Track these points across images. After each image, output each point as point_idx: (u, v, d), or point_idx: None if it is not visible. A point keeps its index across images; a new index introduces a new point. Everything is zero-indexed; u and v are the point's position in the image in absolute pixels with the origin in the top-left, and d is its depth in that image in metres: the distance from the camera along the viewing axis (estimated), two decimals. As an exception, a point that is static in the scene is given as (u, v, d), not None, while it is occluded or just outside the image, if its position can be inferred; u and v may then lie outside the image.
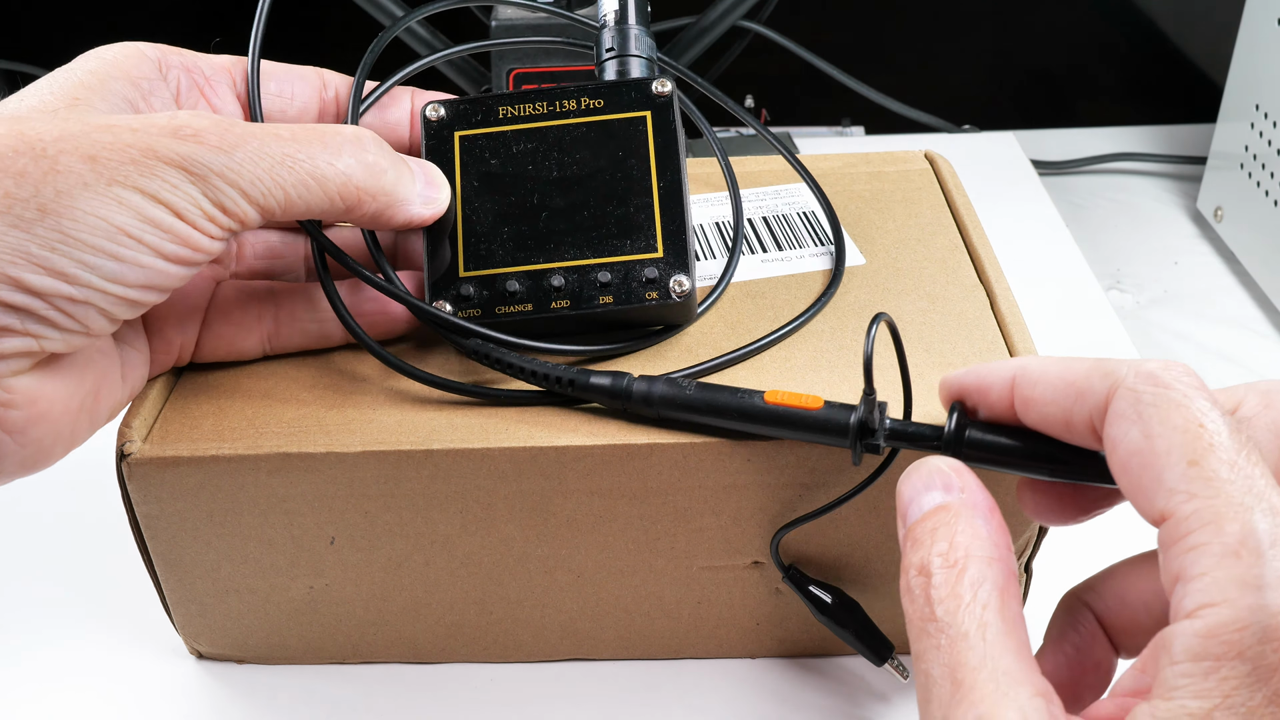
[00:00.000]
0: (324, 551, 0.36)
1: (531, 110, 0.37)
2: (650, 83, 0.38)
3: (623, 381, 0.33)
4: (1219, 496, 0.22)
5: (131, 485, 0.34)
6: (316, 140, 0.31)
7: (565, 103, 0.37)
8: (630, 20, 0.40)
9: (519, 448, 0.33)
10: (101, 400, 0.32)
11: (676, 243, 0.36)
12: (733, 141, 0.77)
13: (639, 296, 0.35)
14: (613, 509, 0.35)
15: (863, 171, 0.47)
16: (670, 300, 0.35)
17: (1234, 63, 0.65)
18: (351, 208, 0.32)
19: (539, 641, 0.39)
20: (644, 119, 0.37)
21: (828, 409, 0.31)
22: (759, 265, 0.42)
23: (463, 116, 0.37)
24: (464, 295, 0.36)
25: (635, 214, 0.36)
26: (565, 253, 0.36)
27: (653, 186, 0.36)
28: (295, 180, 0.30)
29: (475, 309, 0.35)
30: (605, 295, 0.35)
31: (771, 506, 0.35)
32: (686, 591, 0.37)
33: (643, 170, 0.37)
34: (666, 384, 0.33)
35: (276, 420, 0.34)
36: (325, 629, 0.38)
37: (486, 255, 0.36)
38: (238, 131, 0.29)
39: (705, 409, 0.33)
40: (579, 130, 0.37)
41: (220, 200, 0.29)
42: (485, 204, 0.36)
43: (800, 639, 0.39)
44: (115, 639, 0.41)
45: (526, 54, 0.65)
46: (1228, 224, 0.66)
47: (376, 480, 0.34)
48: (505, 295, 0.35)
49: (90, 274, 0.28)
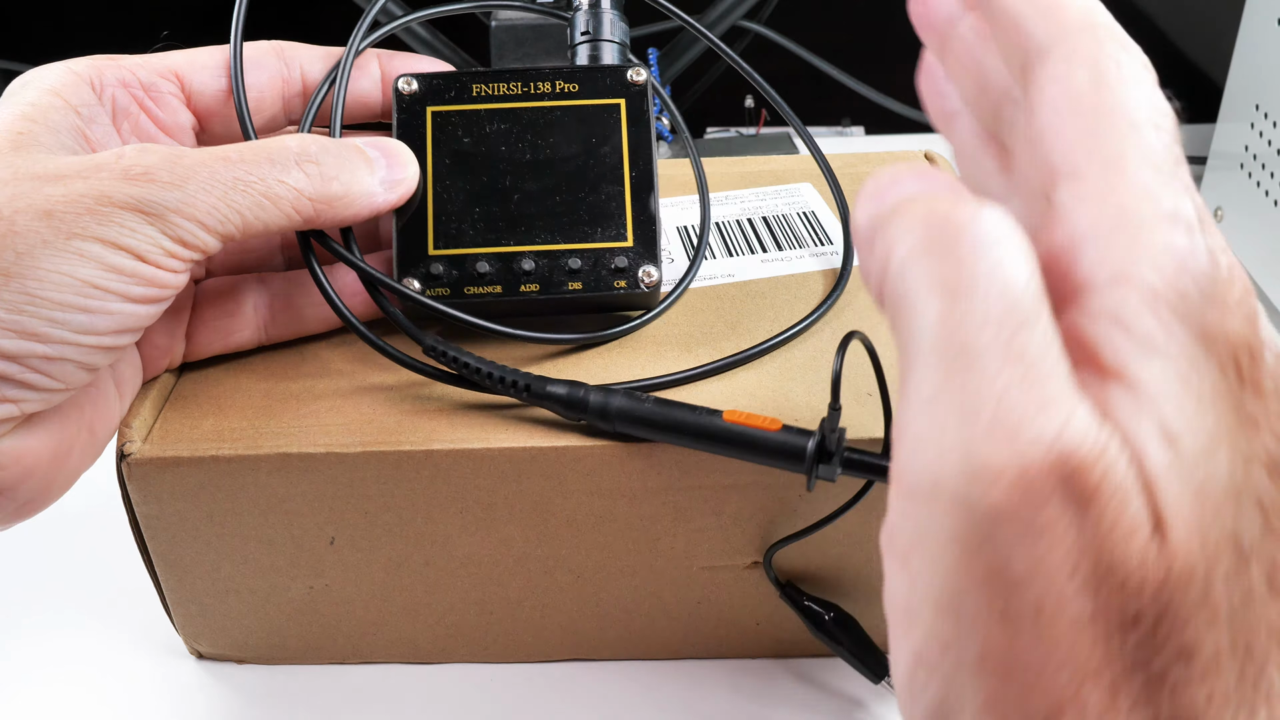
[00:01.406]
0: (324, 551, 0.36)
1: (506, 90, 0.37)
2: (626, 70, 0.38)
3: (579, 392, 0.32)
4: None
5: (131, 485, 0.34)
6: (265, 159, 0.30)
7: (540, 84, 0.37)
8: (605, 4, 0.40)
9: (519, 448, 0.33)
10: (98, 429, 0.32)
11: (646, 232, 0.36)
12: (733, 141, 0.77)
13: (608, 285, 0.36)
14: (613, 509, 0.35)
15: (863, 171, 0.47)
16: (639, 290, 0.36)
17: (1234, 63, 0.65)
18: (310, 219, 0.32)
19: (539, 641, 0.39)
20: (618, 106, 0.37)
21: (784, 433, 0.31)
22: (759, 265, 0.42)
23: (436, 92, 0.37)
24: (433, 274, 0.36)
25: (606, 202, 0.36)
26: (536, 237, 0.36)
27: (625, 175, 0.37)
28: (250, 203, 0.30)
29: (444, 288, 0.36)
30: (574, 281, 0.36)
31: (771, 506, 0.35)
32: (686, 591, 0.37)
33: (615, 158, 0.37)
34: (625, 397, 0.32)
35: (276, 420, 0.34)
36: (325, 629, 0.38)
37: (457, 234, 0.36)
38: (186, 163, 0.29)
39: (663, 425, 0.32)
40: (553, 113, 0.37)
41: (180, 236, 0.29)
42: (457, 182, 0.36)
43: (800, 639, 0.39)
44: (115, 639, 0.41)
45: (527, 52, 0.65)
46: (1228, 224, 0.66)
47: (376, 480, 0.34)
48: (475, 276, 0.36)
49: (61, 330, 0.28)
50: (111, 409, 0.33)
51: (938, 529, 0.17)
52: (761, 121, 0.78)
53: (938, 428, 0.17)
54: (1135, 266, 0.18)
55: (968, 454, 0.17)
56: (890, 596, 0.19)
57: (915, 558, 0.18)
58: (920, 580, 0.18)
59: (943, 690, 0.18)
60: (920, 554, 0.18)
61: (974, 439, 0.17)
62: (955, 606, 0.17)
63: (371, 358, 0.37)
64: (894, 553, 0.19)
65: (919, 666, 0.18)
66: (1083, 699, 0.17)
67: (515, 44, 0.64)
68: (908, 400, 0.18)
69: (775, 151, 0.74)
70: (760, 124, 0.78)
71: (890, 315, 0.19)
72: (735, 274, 0.41)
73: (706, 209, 0.42)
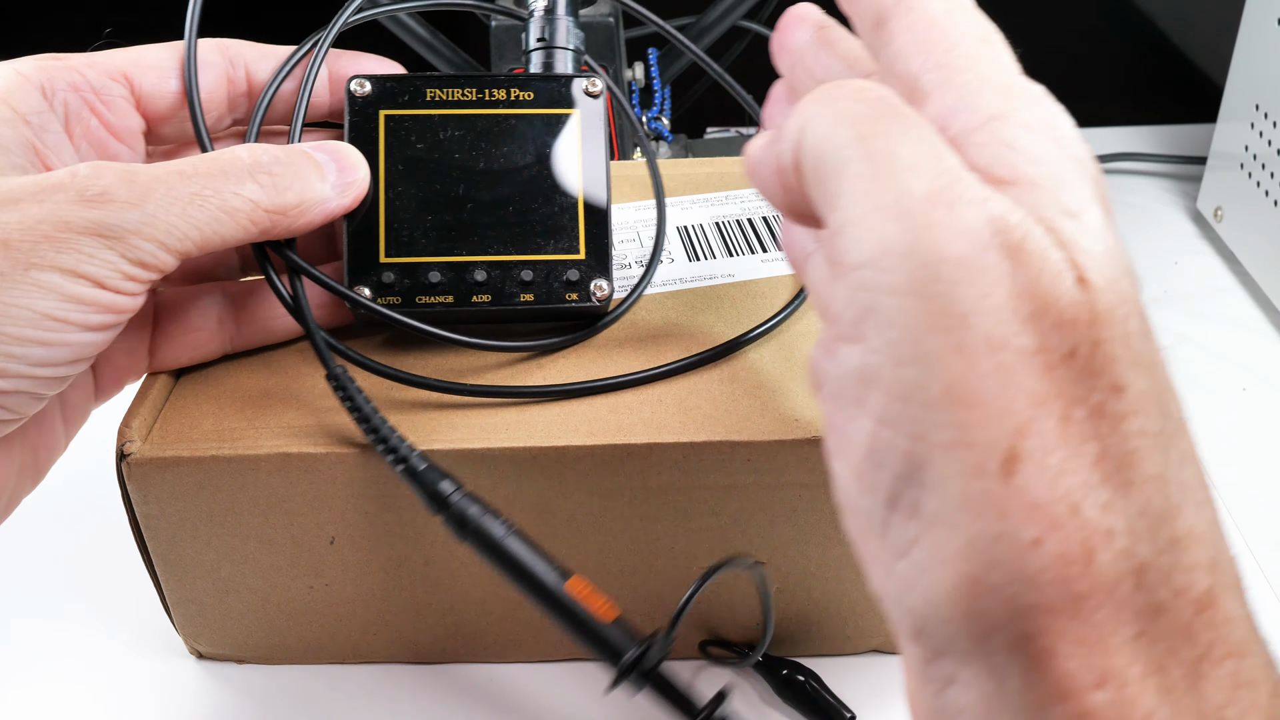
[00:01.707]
0: (324, 551, 0.36)
1: (460, 95, 0.37)
2: (580, 80, 0.38)
3: (446, 489, 0.31)
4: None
5: (131, 485, 0.34)
6: (219, 172, 0.30)
7: (494, 92, 0.37)
8: (560, 11, 0.39)
9: (519, 448, 0.33)
10: (42, 455, 0.32)
11: (598, 245, 0.36)
12: (733, 141, 0.77)
13: (559, 297, 0.36)
14: (613, 509, 0.35)
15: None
16: (590, 303, 0.36)
17: (1234, 63, 0.65)
18: (266, 230, 0.31)
19: (539, 641, 0.39)
20: (573, 116, 0.37)
21: (612, 627, 0.30)
22: (759, 265, 0.42)
23: (389, 95, 0.37)
24: (385, 282, 0.35)
25: (559, 213, 0.36)
26: (489, 247, 0.36)
27: (578, 187, 0.37)
28: (207, 218, 0.29)
29: (396, 296, 0.35)
30: (527, 293, 0.36)
31: (771, 506, 0.35)
32: (686, 591, 0.37)
33: (568, 170, 0.37)
34: (489, 519, 0.31)
35: (276, 420, 0.34)
36: (325, 629, 0.38)
37: (409, 242, 0.36)
38: (143, 179, 0.29)
39: (507, 565, 0.30)
40: (508, 121, 0.37)
41: (139, 258, 0.28)
42: (409, 189, 0.36)
43: (800, 639, 0.39)
44: (115, 639, 0.41)
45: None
46: (1228, 224, 0.66)
47: (376, 480, 0.34)
48: (427, 285, 0.35)
49: (19, 364, 0.27)
50: (56, 434, 0.33)
51: (890, 286, 0.19)
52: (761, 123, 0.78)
53: (878, 211, 0.20)
54: (1010, 108, 0.21)
55: (911, 218, 0.19)
56: (837, 383, 0.21)
57: (868, 326, 0.20)
58: (876, 342, 0.20)
59: (909, 441, 0.19)
60: (873, 320, 0.20)
61: (913, 208, 0.19)
62: (915, 352, 0.19)
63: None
64: (839, 339, 0.21)
65: (881, 429, 0.20)
66: (1039, 425, 0.19)
67: (515, 44, 0.64)
68: (842, 210, 0.21)
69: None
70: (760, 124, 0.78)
71: (810, 172, 0.22)
72: (735, 274, 0.41)
73: (662, 214, 0.42)
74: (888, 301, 0.19)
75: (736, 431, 0.34)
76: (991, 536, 0.19)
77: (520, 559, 0.30)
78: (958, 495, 0.19)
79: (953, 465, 0.19)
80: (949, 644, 0.20)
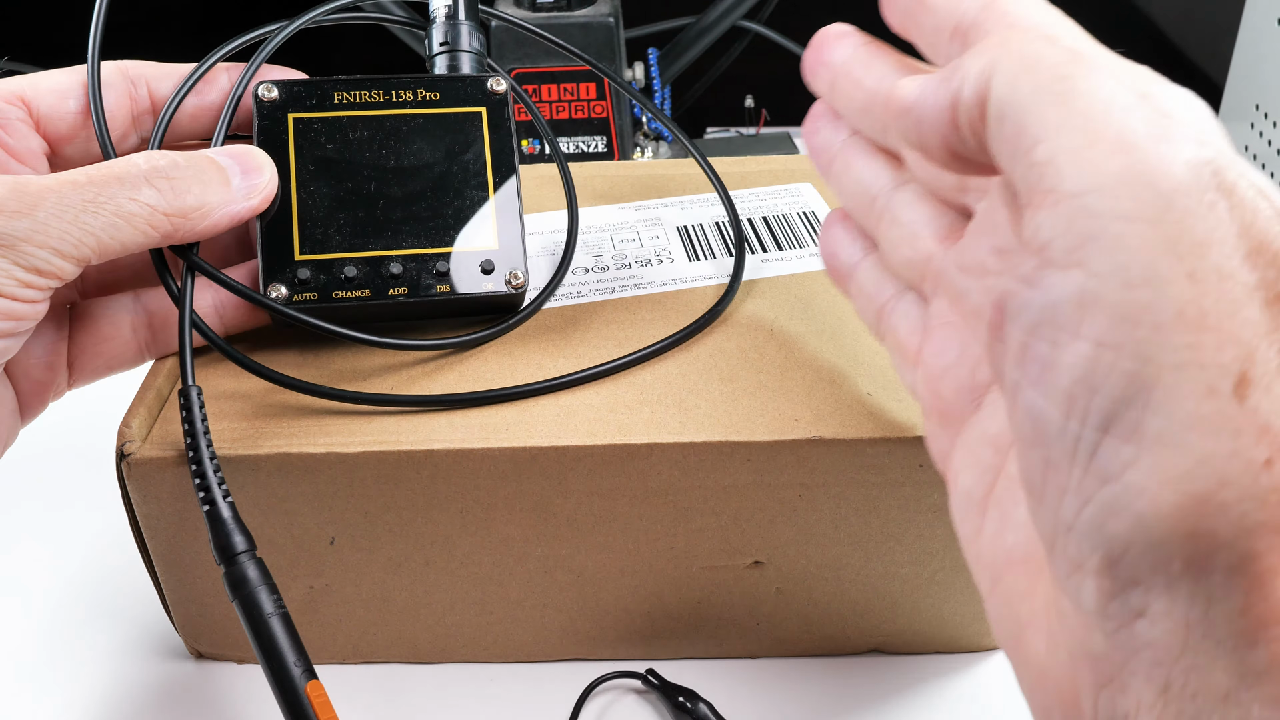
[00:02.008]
0: (324, 551, 0.36)
1: (368, 97, 0.37)
2: (486, 80, 0.38)
3: (234, 547, 0.30)
4: None
5: (131, 485, 0.34)
6: (113, 179, 0.30)
7: (401, 93, 0.38)
8: (460, 16, 0.40)
9: (519, 448, 0.33)
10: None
11: (511, 235, 0.37)
12: (733, 141, 0.77)
13: (475, 285, 0.36)
14: (613, 509, 0.35)
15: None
16: (506, 291, 0.36)
17: (1234, 63, 0.65)
18: (168, 235, 0.31)
19: (539, 641, 0.39)
20: (480, 115, 0.38)
21: None
22: (759, 265, 0.42)
23: (297, 99, 0.37)
24: (300, 279, 0.35)
25: (471, 206, 0.37)
26: (403, 241, 0.36)
27: (488, 181, 0.37)
28: (103, 224, 0.29)
29: (311, 293, 0.35)
30: (443, 284, 0.36)
31: (771, 506, 0.35)
32: (686, 591, 0.37)
33: (479, 164, 0.37)
34: (263, 591, 0.30)
35: (276, 420, 0.34)
36: (325, 629, 0.38)
37: (323, 240, 0.36)
38: (33, 190, 0.29)
39: (261, 640, 0.30)
40: (416, 121, 0.37)
41: (34, 265, 0.29)
42: (321, 189, 0.36)
43: (800, 639, 0.39)
44: (115, 639, 0.41)
45: (527, 52, 0.65)
46: (1228, 224, 0.66)
47: (376, 480, 0.34)
48: (342, 280, 0.36)
49: None
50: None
51: (1120, 212, 0.20)
52: (761, 121, 0.78)
53: (1099, 143, 0.20)
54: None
55: (1137, 150, 0.20)
56: (1044, 311, 0.21)
57: (1089, 250, 0.20)
58: (1100, 266, 0.20)
59: (1135, 362, 0.19)
60: (1097, 245, 0.20)
61: (1138, 142, 0.20)
62: (1148, 274, 0.19)
63: (372, 358, 0.37)
64: (1047, 266, 0.21)
65: (1102, 352, 0.20)
66: (1264, 354, 0.19)
67: (515, 44, 0.65)
68: (1050, 143, 0.21)
69: (775, 151, 0.74)
70: (760, 124, 0.78)
71: (998, 111, 0.22)
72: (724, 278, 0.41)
73: (574, 219, 0.42)
74: (1116, 226, 0.20)
75: (736, 431, 0.34)
76: (1226, 454, 0.19)
77: (275, 641, 0.30)
78: (1188, 415, 0.19)
79: (1184, 385, 0.19)
80: (1153, 570, 0.19)
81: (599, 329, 0.38)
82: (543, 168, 0.48)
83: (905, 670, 0.39)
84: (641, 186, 0.47)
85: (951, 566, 0.36)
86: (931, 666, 0.39)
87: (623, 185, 0.47)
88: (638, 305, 0.39)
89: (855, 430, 0.33)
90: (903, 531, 0.35)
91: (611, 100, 0.65)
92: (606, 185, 0.47)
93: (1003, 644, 0.24)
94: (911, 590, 0.37)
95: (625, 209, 0.45)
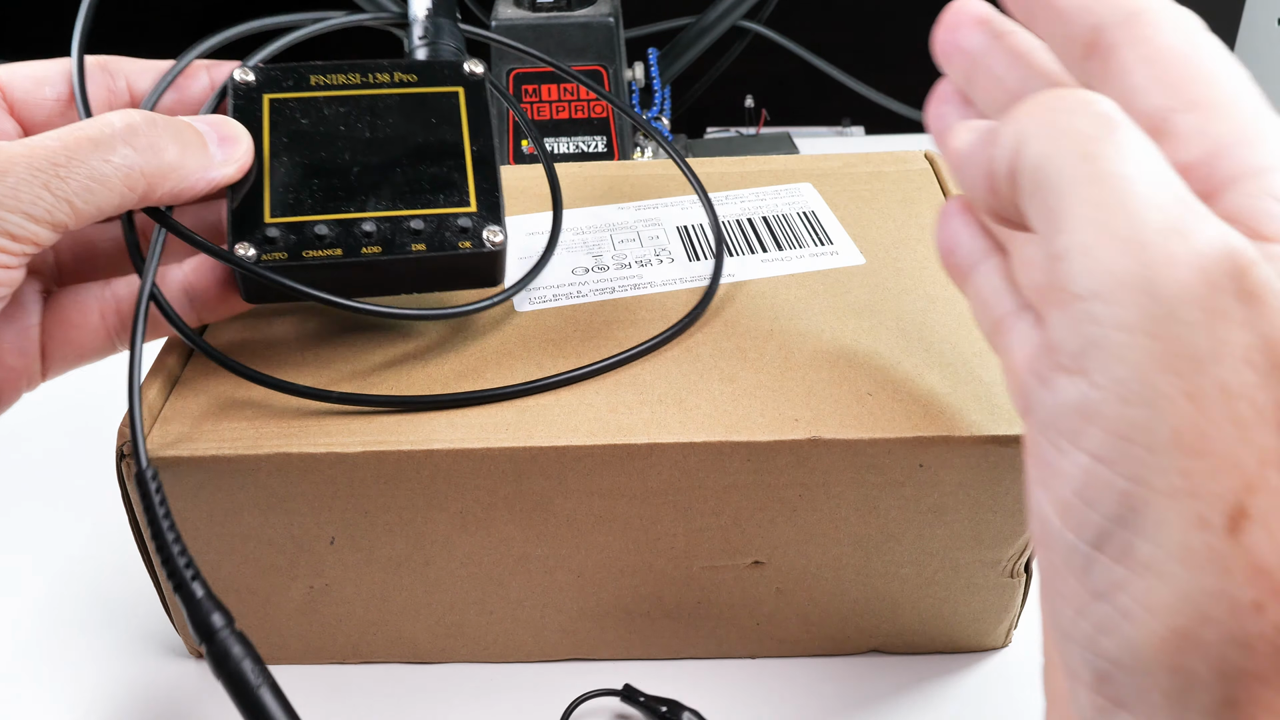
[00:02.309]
0: (324, 551, 0.36)
1: (345, 80, 0.37)
2: (462, 63, 0.38)
3: (217, 626, 0.30)
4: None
5: (131, 485, 0.34)
6: (86, 142, 0.30)
7: (378, 75, 0.38)
8: (440, 14, 0.40)
9: (519, 448, 0.33)
10: None
11: (489, 199, 0.36)
12: (733, 141, 0.77)
13: (452, 245, 0.35)
14: (613, 509, 0.35)
15: (863, 171, 0.47)
16: (484, 249, 0.35)
17: (1234, 63, 0.65)
18: (145, 195, 0.31)
19: (539, 641, 0.39)
20: (457, 93, 0.38)
21: None
22: (759, 265, 0.42)
23: (273, 81, 0.37)
24: (269, 237, 0.34)
25: (449, 173, 0.36)
26: (378, 204, 0.35)
27: (465, 150, 0.37)
28: (76, 188, 0.29)
29: (281, 252, 0.34)
30: (418, 243, 0.35)
31: (771, 506, 0.35)
32: (686, 591, 0.37)
33: (455, 135, 0.37)
34: (249, 663, 0.30)
35: (276, 420, 0.34)
36: (325, 629, 0.38)
37: (295, 204, 0.35)
38: (3, 155, 0.28)
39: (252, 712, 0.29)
40: (392, 99, 0.37)
41: (6, 229, 0.28)
42: (294, 158, 0.36)
43: (800, 639, 0.39)
44: (115, 639, 0.41)
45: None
46: (1228, 224, 0.66)
47: (376, 480, 0.34)
48: (314, 239, 0.35)
49: None
50: None
51: (1120, 321, 0.18)
52: (761, 121, 0.78)
53: (1108, 240, 0.19)
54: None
55: (1146, 251, 0.18)
56: (1051, 413, 0.20)
57: (1092, 359, 0.19)
58: (1100, 378, 0.19)
59: (1128, 482, 0.18)
60: (1099, 354, 0.19)
61: (1148, 239, 0.18)
62: (1144, 392, 0.18)
63: (372, 357, 0.37)
64: (1057, 369, 0.20)
65: (1098, 467, 0.19)
66: (1270, 484, 0.18)
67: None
68: (1067, 234, 0.19)
69: (775, 151, 0.74)
70: (760, 124, 0.78)
71: (1028, 187, 0.21)
72: (735, 274, 0.41)
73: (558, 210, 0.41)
74: (1116, 337, 0.18)
75: (736, 431, 0.34)
76: (1210, 593, 0.18)
77: (269, 712, 0.29)
78: (1177, 545, 0.18)
79: (1174, 513, 0.18)
80: (1138, 696, 0.19)
81: (599, 329, 0.38)
82: (542, 168, 0.48)
83: (905, 670, 0.39)
84: (641, 186, 0.47)
85: (951, 566, 0.36)
86: (931, 666, 0.39)
87: (623, 185, 0.47)
88: (638, 305, 0.39)
89: (855, 430, 0.33)
90: (903, 531, 0.35)
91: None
92: (606, 185, 0.47)
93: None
94: (911, 590, 0.37)
95: (625, 209, 0.45)
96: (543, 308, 0.39)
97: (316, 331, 0.38)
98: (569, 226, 0.44)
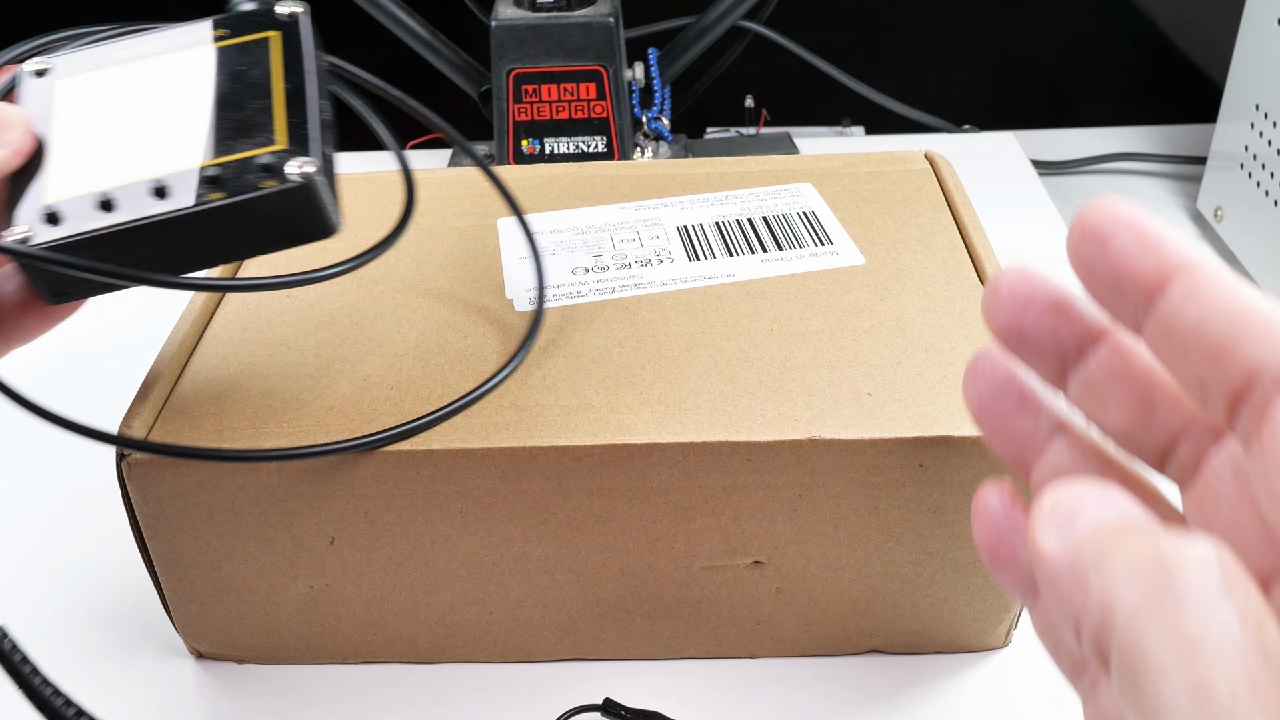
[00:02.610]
0: (324, 551, 0.36)
1: (150, 48, 0.35)
2: (273, 7, 0.35)
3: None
4: None
5: (131, 485, 0.34)
6: None
7: (186, 37, 0.35)
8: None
9: (519, 448, 0.33)
10: None
11: (300, 133, 0.33)
12: (733, 142, 0.77)
13: (252, 186, 0.31)
14: (613, 509, 0.35)
15: (863, 171, 0.47)
16: (289, 183, 0.31)
17: (1234, 63, 0.65)
18: None
19: (539, 641, 0.39)
20: (268, 39, 0.35)
21: None
22: (759, 265, 0.42)
23: (70, 67, 0.34)
24: (47, 215, 0.31)
25: (253, 115, 0.33)
26: (173, 164, 0.32)
27: (274, 90, 0.34)
28: None
29: (58, 225, 0.31)
30: (215, 192, 0.31)
31: (771, 506, 0.35)
32: (686, 591, 0.37)
33: (263, 78, 0.34)
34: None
35: (276, 420, 0.34)
36: (325, 629, 0.38)
37: (82, 179, 0.32)
38: None
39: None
40: (202, 56, 0.35)
41: None
42: (88, 137, 0.33)
43: (800, 639, 0.39)
44: (115, 639, 0.41)
45: (526, 52, 0.65)
46: (1228, 224, 0.66)
47: (376, 480, 0.34)
48: (103, 205, 0.31)
49: None
50: None
51: None
52: (761, 121, 0.78)
53: None
54: None
55: None
56: None
57: None
58: None
59: None
60: None
61: None
62: None
63: (371, 356, 0.37)
64: None
65: None
66: None
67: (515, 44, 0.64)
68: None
69: (775, 151, 0.74)
70: (760, 124, 0.78)
71: (1119, 664, 0.18)
72: (735, 274, 0.41)
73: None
74: None
75: (736, 431, 0.34)
76: None
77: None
78: None
79: None
80: None
81: (599, 329, 0.38)
82: (542, 168, 0.48)
83: (905, 670, 0.39)
84: (641, 186, 0.47)
85: (951, 566, 0.36)
86: (931, 666, 0.39)
87: (623, 185, 0.47)
88: (638, 305, 0.39)
89: (855, 430, 0.33)
90: (903, 531, 0.35)
91: (611, 100, 0.65)
92: (606, 185, 0.47)
93: None
94: (911, 590, 0.37)
95: (625, 209, 0.45)
96: (544, 307, 0.39)
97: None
98: (569, 226, 0.44)
